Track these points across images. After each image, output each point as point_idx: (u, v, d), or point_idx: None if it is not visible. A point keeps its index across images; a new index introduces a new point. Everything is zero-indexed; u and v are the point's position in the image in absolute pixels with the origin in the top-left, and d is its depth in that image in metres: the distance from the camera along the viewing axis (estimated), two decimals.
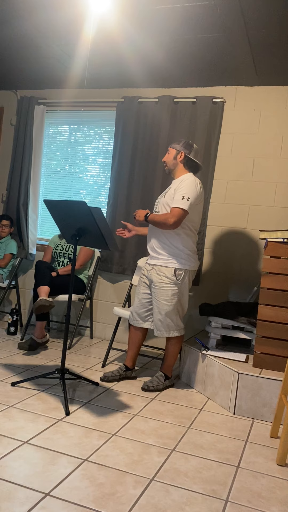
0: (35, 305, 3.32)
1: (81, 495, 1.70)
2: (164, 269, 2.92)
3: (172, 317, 2.93)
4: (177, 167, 3.02)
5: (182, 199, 2.83)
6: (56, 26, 3.14)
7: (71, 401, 2.63)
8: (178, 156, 3.01)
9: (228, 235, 3.83)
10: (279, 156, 3.69)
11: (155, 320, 2.96)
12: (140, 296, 3.07)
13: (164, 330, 2.94)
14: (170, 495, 1.77)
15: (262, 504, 1.77)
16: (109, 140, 4.33)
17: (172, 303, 2.91)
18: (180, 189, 2.87)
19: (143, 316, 3.05)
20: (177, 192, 2.87)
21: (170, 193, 2.94)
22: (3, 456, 1.92)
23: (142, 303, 3.05)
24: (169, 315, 2.92)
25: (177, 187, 2.90)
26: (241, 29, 2.86)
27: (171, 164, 3.03)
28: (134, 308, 3.10)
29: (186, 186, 2.86)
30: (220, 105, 3.81)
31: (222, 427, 2.50)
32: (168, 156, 3.05)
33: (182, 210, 2.82)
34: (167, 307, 2.91)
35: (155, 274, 2.95)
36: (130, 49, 3.34)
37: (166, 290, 2.90)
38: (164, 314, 2.92)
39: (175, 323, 2.95)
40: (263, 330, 2.83)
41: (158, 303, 2.93)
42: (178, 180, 2.97)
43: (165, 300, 2.91)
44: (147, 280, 3.03)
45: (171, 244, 2.92)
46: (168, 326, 2.94)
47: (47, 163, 4.58)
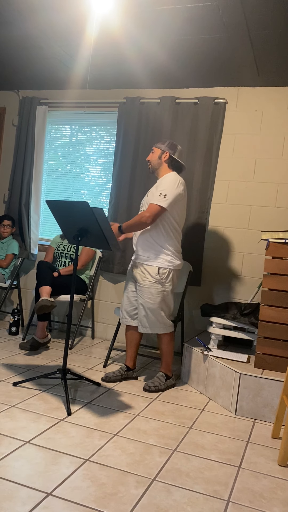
0: (37, 305, 3.33)
1: (83, 495, 1.70)
2: (148, 267, 2.93)
3: (156, 315, 2.94)
4: (161, 167, 3.05)
5: (159, 196, 2.86)
6: (58, 27, 3.14)
7: (72, 401, 2.63)
8: (163, 156, 3.04)
9: (230, 236, 3.83)
10: (281, 156, 3.69)
11: (139, 316, 2.98)
12: (128, 294, 3.09)
13: (148, 327, 2.95)
14: (171, 495, 1.77)
15: (264, 505, 1.77)
16: (110, 140, 4.33)
17: (156, 301, 2.92)
18: (159, 187, 2.91)
19: (131, 314, 3.06)
20: (157, 189, 2.91)
21: (153, 192, 2.97)
22: (5, 456, 1.92)
23: (130, 301, 3.07)
24: (153, 312, 2.93)
25: (158, 185, 2.94)
26: (243, 30, 2.86)
27: (155, 164, 3.06)
28: (123, 306, 3.12)
29: (165, 184, 2.90)
30: (222, 106, 3.81)
31: (224, 427, 2.50)
32: (152, 156, 3.07)
33: (158, 207, 2.84)
34: (151, 305, 2.92)
35: (139, 273, 2.97)
36: (132, 49, 3.34)
37: (149, 288, 2.92)
38: (149, 312, 2.93)
39: (160, 321, 2.95)
40: (265, 331, 2.83)
41: (142, 301, 2.95)
42: (161, 180, 3.00)
43: (148, 298, 2.92)
44: (133, 278, 3.05)
45: (155, 243, 2.94)
46: (153, 323, 2.94)
47: (48, 164, 4.58)
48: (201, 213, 3.83)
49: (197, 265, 3.82)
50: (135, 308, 3.06)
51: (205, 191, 3.83)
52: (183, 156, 3.12)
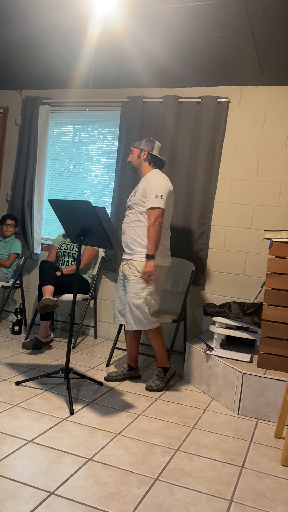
0: (39, 305, 3.33)
1: (86, 494, 1.70)
2: (136, 263, 2.94)
3: (141, 311, 2.93)
4: (142, 165, 3.08)
5: (156, 198, 2.88)
6: (61, 26, 3.14)
7: (75, 400, 2.63)
8: (142, 154, 3.06)
9: (233, 235, 3.82)
10: (284, 156, 3.68)
11: (125, 313, 2.98)
12: (119, 293, 3.10)
13: (134, 323, 2.94)
14: (174, 494, 1.77)
15: (267, 505, 1.77)
16: (113, 140, 4.33)
17: (141, 296, 2.91)
18: (151, 187, 2.91)
19: (123, 313, 3.07)
20: (148, 191, 2.92)
21: (140, 192, 2.97)
22: (8, 455, 1.93)
23: (121, 300, 3.08)
24: (138, 308, 2.92)
25: (147, 186, 2.94)
26: (246, 29, 2.86)
27: (136, 163, 3.08)
28: (115, 305, 3.13)
29: (156, 184, 2.92)
30: (225, 105, 3.80)
31: (226, 427, 2.50)
32: (131, 156, 3.10)
33: (160, 209, 2.88)
34: (136, 300, 2.91)
35: (127, 268, 2.98)
36: (135, 49, 3.34)
37: (135, 283, 2.92)
38: (134, 307, 2.92)
39: (145, 317, 2.94)
40: (268, 331, 2.82)
41: (128, 296, 2.95)
42: (145, 179, 3.02)
43: (134, 294, 2.92)
44: (122, 276, 3.06)
45: (142, 240, 2.94)
46: (138, 319, 2.93)
47: (51, 163, 4.59)
48: (204, 213, 3.83)
49: (200, 265, 3.82)
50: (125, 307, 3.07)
51: (208, 191, 3.82)
52: (162, 151, 3.12)
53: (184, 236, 3.85)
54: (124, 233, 3.04)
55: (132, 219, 3.00)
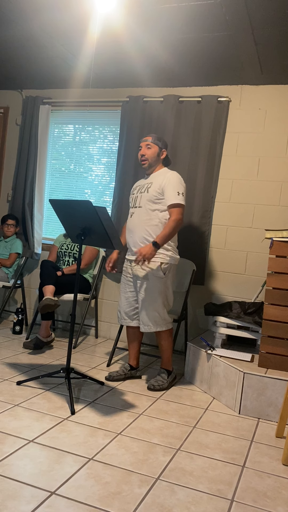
0: (40, 305, 3.33)
1: (87, 494, 1.70)
2: (151, 263, 2.91)
3: (159, 311, 2.92)
4: (157, 164, 3.05)
5: (178, 195, 2.88)
6: (61, 26, 3.14)
7: (76, 400, 2.63)
8: (161, 153, 3.05)
9: (233, 235, 3.82)
10: (285, 155, 3.67)
11: (141, 315, 2.96)
12: (127, 295, 3.07)
13: (151, 325, 2.93)
14: (175, 494, 1.77)
15: (268, 504, 1.77)
16: (113, 139, 4.33)
17: (159, 297, 2.91)
18: (171, 185, 2.90)
19: (130, 315, 3.06)
20: (169, 188, 2.90)
21: (154, 189, 2.94)
22: (9, 455, 1.93)
23: (129, 301, 3.06)
24: (156, 309, 2.92)
25: (165, 184, 2.91)
26: (246, 28, 2.85)
27: (153, 161, 3.03)
28: (121, 308, 3.10)
29: (176, 182, 2.92)
30: (225, 104, 3.80)
31: (228, 426, 2.50)
32: (150, 152, 3.02)
33: (182, 206, 2.90)
34: (153, 301, 2.91)
35: (140, 270, 2.94)
36: (135, 48, 3.34)
37: (151, 284, 2.91)
38: (151, 309, 2.91)
39: (162, 317, 2.94)
40: (269, 330, 2.82)
41: (144, 299, 2.92)
42: (158, 175, 2.99)
43: (151, 295, 2.91)
44: (131, 277, 3.03)
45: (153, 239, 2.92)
46: (155, 320, 2.93)
47: (52, 163, 4.59)
48: (204, 212, 3.82)
49: (200, 264, 3.81)
50: (134, 309, 3.05)
51: (209, 190, 3.82)
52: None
53: (184, 235, 3.85)
54: (133, 232, 2.99)
55: (142, 218, 2.94)
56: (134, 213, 3.00)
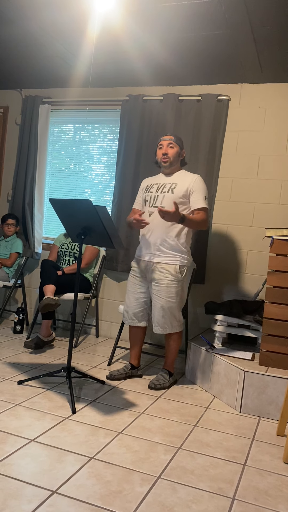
0: (41, 304, 3.33)
1: (88, 492, 1.71)
2: (168, 266, 2.92)
3: (175, 313, 2.94)
4: (177, 164, 3.06)
5: (205, 200, 2.95)
6: (60, 25, 3.14)
7: (77, 399, 2.64)
8: (182, 154, 3.07)
9: (234, 233, 3.82)
10: (285, 153, 3.67)
11: (157, 317, 2.95)
12: (136, 295, 3.05)
13: (167, 327, 2.94)
14: (176, 492, 1.77)
15: (269, 502, 1.77)
16: (113, 138, 4.33)
17: (177, 300, 2.92)
18: (198, 190, 2.94)
19: (138, 316, 3.05)
20: (195, 193, 2.93)
21: (181, 191, 2.93)
22: (10, 454, 1.93)
23: (139, 302, 3.05)
24: (173, 311, 2.92)
25: (192, 188, 2.93)
26: (246, 26, 2.85)
27: (174, 160, 3.03)
28: (129, 308, 3.08)
29: (202, 186, 2.97)
30: (225, 103, 3.79)
31: (229, 425, 2.50)
32: (173, 151, 3.01)
33: (207, 210, 2.97)
34: (171, 303, 2.91)
35: (157, 272, 2.93)
36: (135, 47, 3.33)
37: (170, 287, 2.90)
38: (169, 312, 2.92)
39: (178, 319, 2.96)
40: (269, 328, 2.82)
41: (161, 301, 2.92)
42: (181, 177, 3.00)
43: (169, 298, 2.91)
44: (144, 278, 3.03)
45: (174, 241, 2.92)
46: (171, 322, 2.94)
47: (52, 162, 4.59)
48: None
49: (201, 263, 3.81)
50: (143, 310, 3.05)
51: (209, 189, 3.82)
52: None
53: None
54: (152, 232, 2.96)
55: (162, 221, 2.90)
56: (154, 213, 2.96)
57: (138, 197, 3.21)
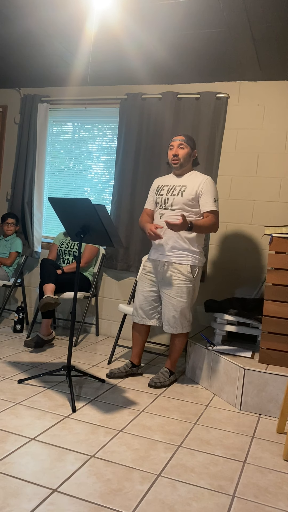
0: (41, 303, 3.33)
1: (88, 491, 1.71)
2: (180, 266, 2.92)
3: (186, 313, 2.95)
4: (188, 165, 3.03)
5: (215, 202, 2.93)
6: (58, 24, 3.14)
7: (77, 398, 2.64)
8: (193, 155, 3.04)
9: (233, 231, 3.82)
10: (284, 151, 3.67)
11: (168, 317, 2.96)
12: (145, 294, 3.06)
13: (178, 327, 2.95)
14: (177, 490, 1.77)
15: (269, 499, 1.77)
16: (113, 137, 4.33)
17: (188, 300, 2.93)
18: (208, 192, 2.92)
19: (148, 314, 3.05)
20: (205, 195, 2.91)
21: (190, 193, 2.92)
22: (11, 453, 1.93)
23: (148, 300, 3.05)
24: (183, 311, 2.93)
25: (202, 190, 2.92)
26: (244, 24, 2.85)
27: (185, 161, 2.99)
28: (139, 306, 3.08)
29: (212, 188, 2.95)
30: (224, 101, 3.79)
31: (229, 423, 2.50)
32: (184, 152, 2.98)
33: (218, 212, 2.96)
34: (183, 303, 2.92)
35: (169, 272, 2.94)
36: (133, 45, 3.33)
37: (181, 287, 2.91)
38: (180, 311, 2.92)
39: (188, 319, 2.98)
40: (269, 326, 2.82)
41: (173, 301, 2.92)
42: (191, 179, 2.98)
43: (180, 297, 2.91)
44: (155, 277, 3.03)
45: (186, 242, 2.93)
46: (182, 322, 2.95)
47: (51, 161, 4.58)
48: None
49: None
50: (152, 308, 3.05)
51: None
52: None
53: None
54: (164, 233, 2.96)
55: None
56: (165, 215, 2.97)
57: (149, 196, 3.19)
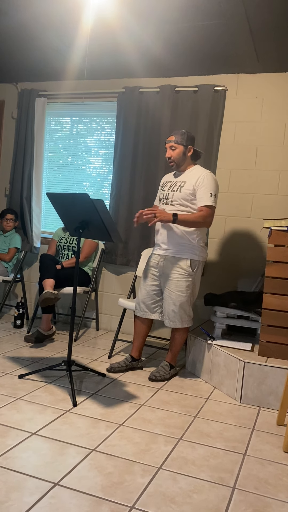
0: (41, 298, 3.34)
1: (90, 484, 1.72)
2: (179, 260, 2.93)
3: (185, 308, 2.95)
4: (186, 162, 3.03)
5: (211, 196, 2.87)
6: (54, 17, 3.11)
7: (78, 392, 2.65)
8: (187, 151, 3.01)
9: (232, 225, 3.82)
10: (282, 143, 3.66)
11: (167, 311, 2.97)
12: (148, 288, 3.06)
13: (178, 321, 2.95)
14: (177, 483, 1.79)
15: (269, 491, 1.79)
16: (111, 131, 4.31)
17: (187, 294, 2.93)
18: (205, 185, 2.88)
19: (151, 308, 3.06)
20: (202, 189, 2.88)
21: (188, 188, 2.92)
22: (12, 447, 1.95)
23: (150, 294, 3.06)
24: (183, 306, 2.94)
25: (199, 184, 2.90)
26: (241, 16, 2.83)
27: (180, 160, 3.00)
28: (141, 300, 3.09)
29: (210, 182, 2.90)
30: (222, 94, 3.77)
31: (229, 415, 2.52)
32: (175, 153, 2.98)
33: (214, 208, 2.89)
34: (182, 298, 2.92)
35: (169, 266, 2.95)
36: (129, 38, 3.31)
37: (180, 281, 2.91)
38: (179, 306, 2.93)
39: (188, 314, 2.98)
40: (268, 319, 2.83)
41: (172, 295, 2.93)
42: (191, 174, 2.97)
43: (179, 292, 2.92)
44: (157, 271, 3.03)
45: (185, 236, 2.93)
46: (181, 317, 2.95)
47: (49, 156, 4.57)
48: None
49: None
50: (154, 302, 3.05)
51: None
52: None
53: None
54: (164, 228, 2.98)
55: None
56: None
57: (158, 193, 3.22)
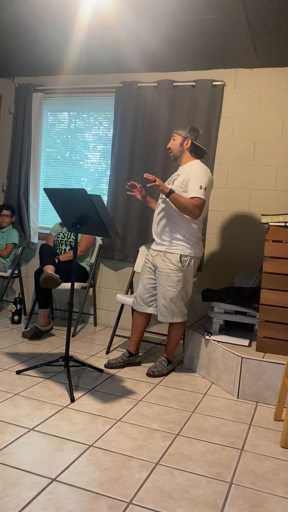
0: (42, 277, 3.32)
1: (87, 480, 1.72)
2: (169, 255, 2.92)
3: (176, 303, 2.94)
4: (184, 154, 3.01)
5: (200, 189, 2.82)
6: (50, 10, 3.09)
7: (76, 388, 2.65)
8: (185, 143, 2.98)
9: (230, 220, 3.81)
10: (280, 139, 3.65)
11: (159, 305, 2.97)
12: (144, 281, 3.07)
13: (168, 316, 2.95)
14: (175, 478, 1.79)
15: (266, 486, 1.79)
16: (109, 126, 4.29)
17: (177, 289, 2.92)
18: (195, 178, 2.84)
19: (147, 301, 3.06)
20: (191, 181, 2.85)
21: (180, 180, 2.91)
22: (10, 443, 1.95)
23: (146, 288, 3.06)
24: (173, 300, 2.93)
25: (190, 176, 2.87)
26: (239, 10, 2.81)
27: (177, 151, 3.00)
28: (138, 293, 3.10)
29: (200, 175, 2.84)
30: (220, 88, 3.76)
31: (226, 411, 2.52)
32: (173, 143, 3.00)
33: (202, 200, 2.82)
34: (172, 293, 2.92)
35: (160, 260, 2.95)
36: (127, 33, 3.28)
37: (171, 276, 2.91)
38: (169, 300, 2.92)
39: (179, 309, 2.96)
40: (266, 315, 2.83)
41: (163, 289, 2.93)
42: (186, 168, 2.95)
43: (169, 286, 2.91)
44: (152, 265, 3.03)
45: (176, 231, 2.92)
46: (172, 311, 2.95)
47: (47, 151, 4.55)
48: None
49: None
50: (151, 295, 3.06)
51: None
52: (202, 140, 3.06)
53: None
54: (158, 222, 2.99)
55: (168, 209, 2.92)
56: (161, 204, 2.99)
57: None
